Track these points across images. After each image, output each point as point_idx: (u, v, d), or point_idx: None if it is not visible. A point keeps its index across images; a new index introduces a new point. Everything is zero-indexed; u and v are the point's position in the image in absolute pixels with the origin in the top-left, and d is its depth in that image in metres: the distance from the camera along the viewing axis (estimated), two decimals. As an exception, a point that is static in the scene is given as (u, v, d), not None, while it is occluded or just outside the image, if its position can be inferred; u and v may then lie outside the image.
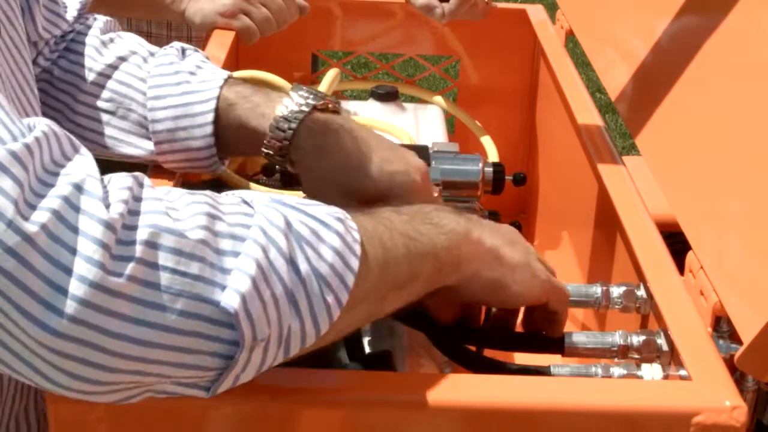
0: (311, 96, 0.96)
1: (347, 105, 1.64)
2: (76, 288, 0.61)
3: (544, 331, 0.93)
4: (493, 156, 1.54)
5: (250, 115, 0.99)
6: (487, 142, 1.59)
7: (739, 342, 0.84)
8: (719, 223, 0.98)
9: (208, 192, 0.72)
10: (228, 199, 0.71)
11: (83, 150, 0.68)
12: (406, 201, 0.89)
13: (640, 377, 0.91)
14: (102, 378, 0.65)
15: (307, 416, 0.79)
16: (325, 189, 0.93)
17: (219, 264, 0.66)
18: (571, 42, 1.63)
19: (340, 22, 1.76)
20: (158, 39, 1.73)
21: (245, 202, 0.72)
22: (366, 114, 1.60)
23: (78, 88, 1.05)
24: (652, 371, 0.90)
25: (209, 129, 1.00)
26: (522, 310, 0.94)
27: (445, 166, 1.23)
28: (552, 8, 1.69)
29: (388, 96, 1.61)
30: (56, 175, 0.63)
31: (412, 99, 1.73)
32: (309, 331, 0.71)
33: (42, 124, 0.65)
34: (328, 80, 1.54)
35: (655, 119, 1.18)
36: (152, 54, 1.07)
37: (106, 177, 0.67)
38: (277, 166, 1.06)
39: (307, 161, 0.95)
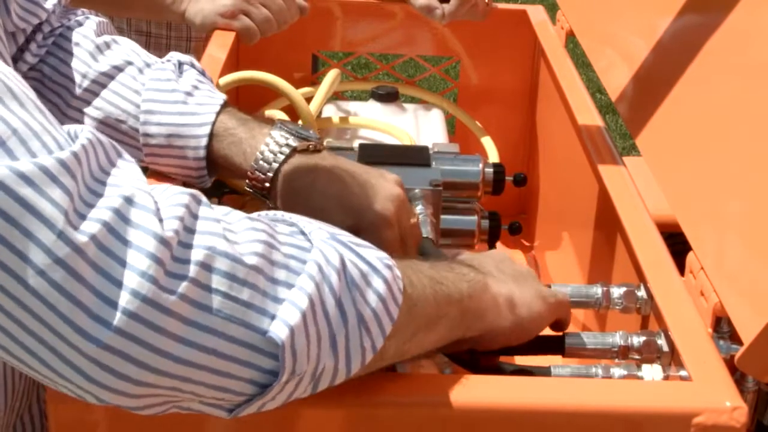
0: (291, 137, 0.98)
1: (347, 106, 1.64)
2: (127, 301, 0.60)
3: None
4: (493, 156, 1.54)
5: (233, 150, 1.01)
6: (488, 142, 1.59)
7: (740, 342, 0.84)
8: (720, 224, 0.98)
9: (265, 216, 0.72)
10: (284, 228, 0.72)
11: (127, 156, 0.68)
12: (378, 235, 0.92)
13: (641, 378, 0.91)
14: (136, 392, 0.64)
15: (307, 416, 0.79)
16: None
17: (272, 293, 0.66)
18: (572, 43, 1.63)
19: (340, 22, 1.76)
20: (158, 39, 1.73)
21: (302, 233, 0.72)
22: (366, 115, 1.60)
23: (69, 92, 1.05)
24: (652, 372, 0.90)
25: (202, 153, 1.01)
26: None
27: (446, 167, 1.23)
28: (552, 9, 1.69)
29: (389, 96, 1.61)
30: (104, 184, 0.63)
31: (413, 99, 1.73)
32: (341, 371, 0.71)
33: (86, 131, 0.65)
34: (329, 81, 1.54)
35: (655, 120, 1.18)
36: (148, 65, 1.06)
37: (159, 188, 0.67)
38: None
39: (285, 202, 0.97)
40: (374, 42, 1.77)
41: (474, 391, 0.79)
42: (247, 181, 0.99)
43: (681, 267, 0.98)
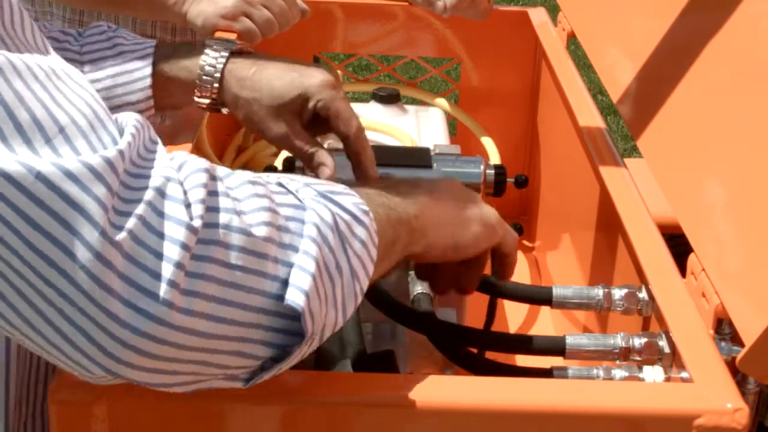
0: (225, 43, 1.08)
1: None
2: (164, 291, 0.64)
3: (496, 274, 0.98)
4: (494, 158, 1.54)
5: (176, 70, 1.08)
6: (489, 144, 1.59)
7: (741, 344, 0.84)
8: (721, 225, 0.98)
9: (258, 178, 0.74)
10: (276, 187, 0.75)
11: (154, 135, 0.71)
12: (325, 102, 1.00)
13: (642, 379, 0.91)
14: (169, 368, 0.67)
15: (307, 417, 0.79)
16: (257, 115, 1.03)
17: (282, 258, 0.70)
18: (573, 44, 1.63)
19: (341, 24, 1.76)
20: (161, 42, 1.73)
21: (291, 192, 0.75)
22: (367, 116, 1.60)
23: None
24: (653, 373, 0.90)
25: (148, 81, 1.08)
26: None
27: (447, 169, 1.23)
28: (553, 10, 1.70)
29: (390, 98, 1.61)
30: (138, 177, 0.66)
31: (414, 101, 1.73)
32: (339, 320, 0.74)
33: (131, 122, 0.68)
34: (330, 82, 1.53)
35: (657, 121, 1.18)
36: (80, 33, 1.12)
37: (177, 159, 0.69)
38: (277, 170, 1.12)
39: (235, 98, 1.04)
40: (375, 43, 1.77)
41: (475, 392, 0.80)
42: (196, 93, 1.05)
43: (682, 268, 0.98)
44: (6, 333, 0.67)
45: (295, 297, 0.69)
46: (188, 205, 0.66)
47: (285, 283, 0.69)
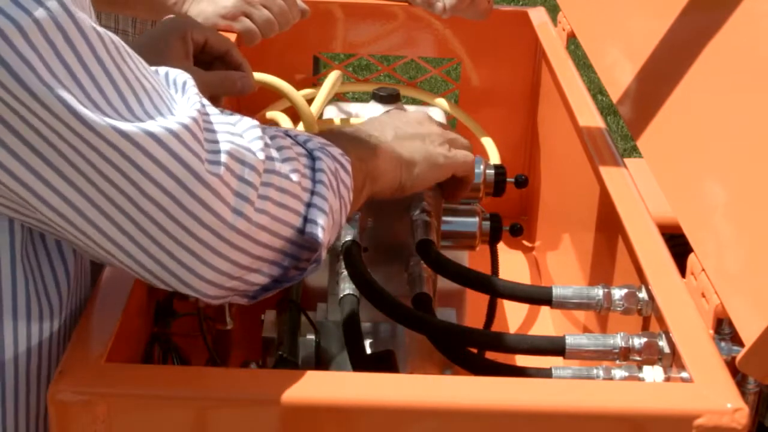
0: None
1: (349, 107, 1.64)
2: (241, 224, 0.79)
3: (454, 196, 1.12)
4: (494, 158, 1.54)
5: None
6: (489, 144, 1.59)
7: (741, 344, 0.84)
8: (721, 225, 0.98)
9: (276, 132, 0.88)
10: (290, 140, 0.89)
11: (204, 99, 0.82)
12: (200, 30, 1.11)
13: (642, 379, 0.91)
14: (226, 284, 0.82)
15: (307, 417, 0.79)
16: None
17: (305, 199, 0.85)
18: (573, 44, 1.63)
19: (341, 24, 1.76)
20: (160, 41, 1.72)
21: (300, 144, 0.89)
22: (368, 116, 1.59)
23: None
24: (653, 373, 0.90)
25: None
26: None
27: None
28: (553, 10, 1.69)
29: (390, 98, 1.61)
30: (213, 131, 0.79)
31: (414, 101, 1.73)
32: (329, 245, 0.89)
33: (189, 82, 0.81)
34: (330, 83, 1.54)
35: (657, 121, 1.18)
36: None
37: (232, 116, 0.83)
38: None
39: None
40: (375, 43, 1.77)
41: (475, 392, 0.80)
42: None
43: (682, 268, 0.98)
44: (103, 258, 0.79)
45: (316, 230, 0.84)
46: (253, 153, 0.80)
47: (304, 218, 0.85)
